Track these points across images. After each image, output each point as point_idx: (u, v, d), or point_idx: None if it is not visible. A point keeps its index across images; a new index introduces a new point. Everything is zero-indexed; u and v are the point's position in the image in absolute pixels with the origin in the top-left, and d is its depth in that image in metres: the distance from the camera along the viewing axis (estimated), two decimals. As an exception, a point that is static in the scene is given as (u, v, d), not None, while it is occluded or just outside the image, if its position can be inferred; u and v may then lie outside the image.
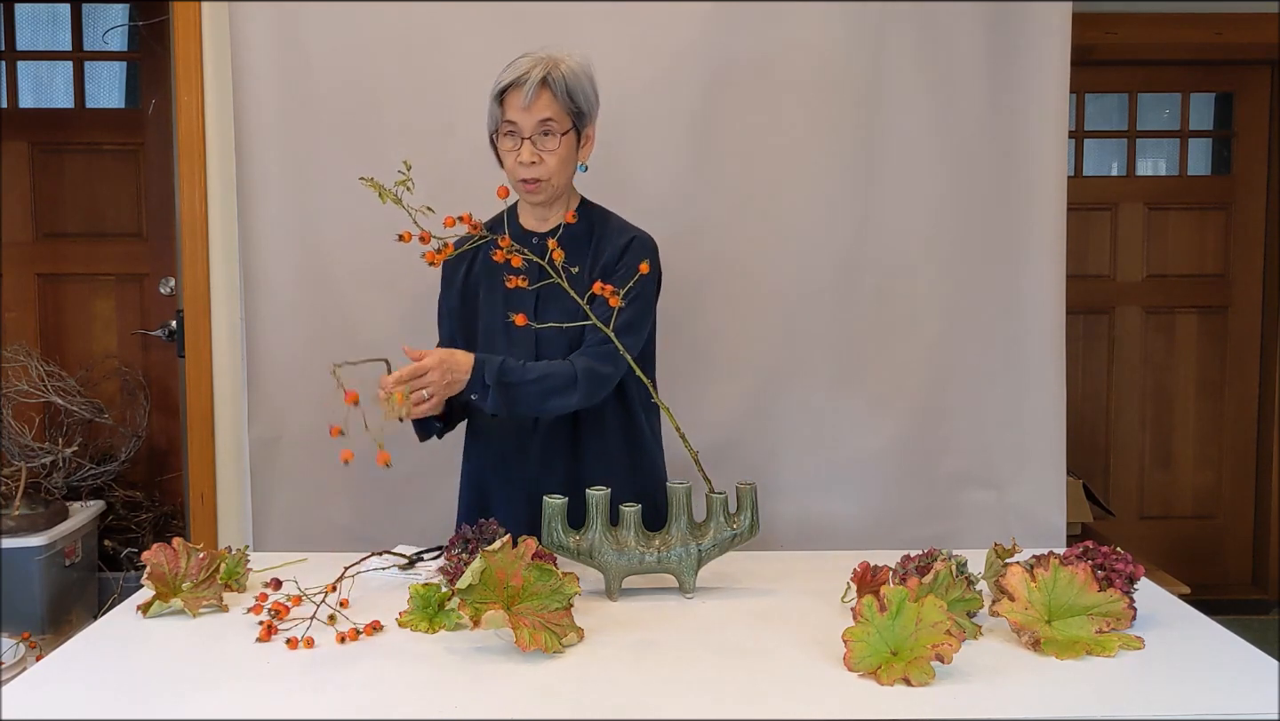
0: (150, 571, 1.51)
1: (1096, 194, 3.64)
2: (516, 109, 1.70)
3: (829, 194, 2.38)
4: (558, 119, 1.71)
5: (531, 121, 1.70)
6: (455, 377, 1.66)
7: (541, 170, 1.72)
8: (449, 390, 1.66)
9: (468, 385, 1.67)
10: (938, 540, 2.08)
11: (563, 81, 1.71)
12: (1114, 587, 1.39)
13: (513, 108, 1.71)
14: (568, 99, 1.71)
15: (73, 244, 3.38)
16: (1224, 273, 3.67)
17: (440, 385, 1.64)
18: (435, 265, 1.52)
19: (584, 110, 1.75)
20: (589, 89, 1.75)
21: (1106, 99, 3.68)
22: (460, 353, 1.69)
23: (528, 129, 1.71)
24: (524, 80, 1.69)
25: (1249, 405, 3.69)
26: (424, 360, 1.63)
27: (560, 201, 1.82)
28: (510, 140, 1.73)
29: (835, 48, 2.34)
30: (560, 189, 1.78)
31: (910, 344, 2.42)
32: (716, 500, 1.57)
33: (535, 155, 1.71)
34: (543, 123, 1.70)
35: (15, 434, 2.91)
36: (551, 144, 1.72)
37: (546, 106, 1.70)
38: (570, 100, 1.72)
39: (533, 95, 1.68)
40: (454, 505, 2.02)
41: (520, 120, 1.70)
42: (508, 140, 1.74)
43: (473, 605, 1.31)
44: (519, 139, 1.72)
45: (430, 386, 1.63)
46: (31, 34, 3.40)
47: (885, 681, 1.22)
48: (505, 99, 1.72)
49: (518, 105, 1.70)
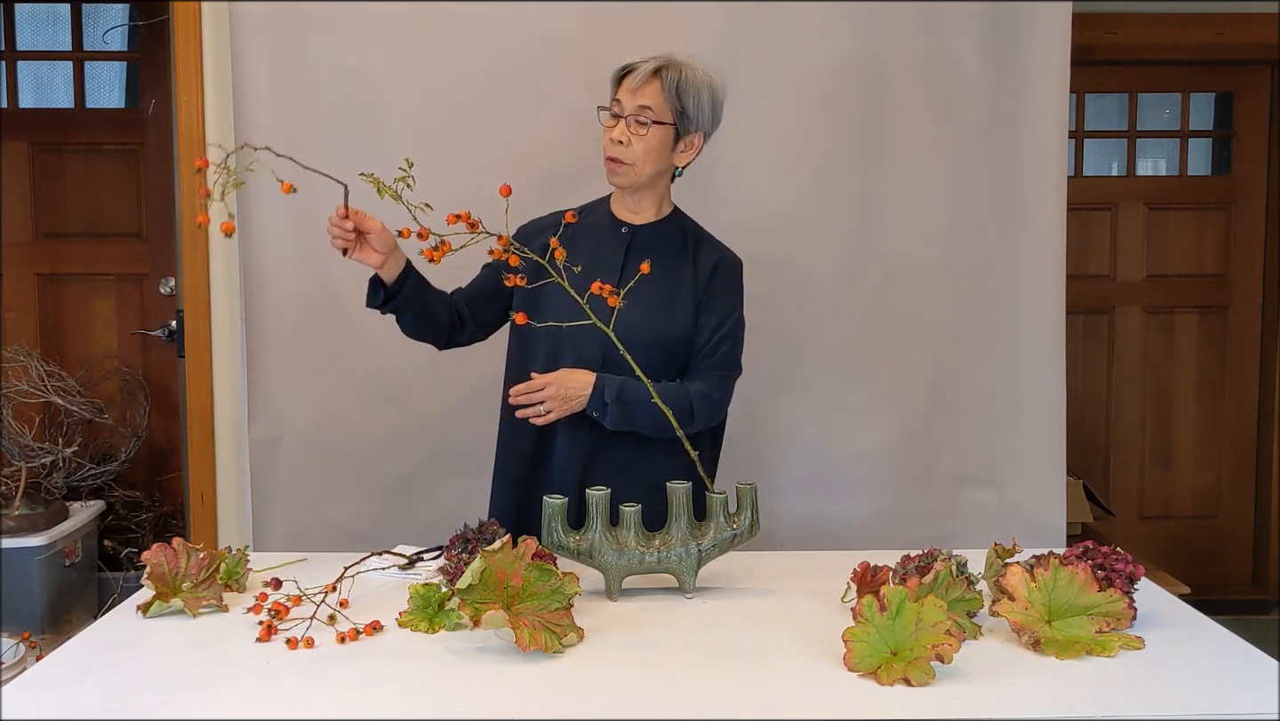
0: (150, 571, 1.51)
1: (1096, 194, 3.63)
2: (625, 90, 1.76)
3: (828, 194, 2.38)
4: (658, 110, 1.74)
5: (633, 104, 1.74)
6: (573, 394, 1.72)
7: (626, 152, 1.75)
8: (567, 406, 1.72)
9: (589, 401, 1.72)
10: (938, 540, 2.08)
11: (675, 80, 1.75)
12: (1114, 587, 1.39)
13: (623, 88, 1.77)
14: (674, 96, 1.75)
15: (73, 244, 3.37)
16: (1224, 273, 3.66)
17: (557, 399, 1.71)
18: (435, 262, 1.52)
19: (689, 114, 1.76)
20: (705, 99, 1.77)
21: (1106, 99, 3.68)
22: (580, 371, 1.74)
23: (627, 109, 1.75)
24: (638, 66, 1.75)
25: (1249, 405, 3.68)
26: (542, 377, 1.72)
27: (651, 195, 1.84)
28: (611, 119, 1.78)
29: (835, 48, 2.34)
30: (643, 179, 1.79)
31: (910, 344, 2.42)
32: (716, 500, 1.57)
33: (625, 135, 1.75)
34: (642, 109, 1.74)
35: (15, 434, 2.91)
36: (642, 131, 1.75)
37: (651, 95, 1.74)
38: (677, 99, 1.75)
39: (641, 81, 1.74)
40: (454, 506, 2.02)
41: (624, 100, 1.75)
42: (609, 118, 1.78)
43: (473, 605, 1.31)
44: (617, 118, 1.76)
45: (548, 402, 1.71)
46: (31, 34, 3.39)
47: (885, 681, 1.22)
48: (622, 80, 1.77)
49: (627, 87, 1.76)
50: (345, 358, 2.38)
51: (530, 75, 2.34)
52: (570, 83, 2.30)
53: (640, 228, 1.84)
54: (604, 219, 1.86)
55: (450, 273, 1.74)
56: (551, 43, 2.33)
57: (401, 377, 2.38)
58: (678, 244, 1.84)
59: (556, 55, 2.32)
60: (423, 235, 1.50)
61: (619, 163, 1.76)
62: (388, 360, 2.38)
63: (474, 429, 2.40)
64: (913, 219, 2.40)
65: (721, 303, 1.83)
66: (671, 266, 1.81)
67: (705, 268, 1.83)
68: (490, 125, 2.33)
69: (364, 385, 2.39)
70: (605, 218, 1.87)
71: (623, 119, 1.75)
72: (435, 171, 1.74)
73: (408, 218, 1.50)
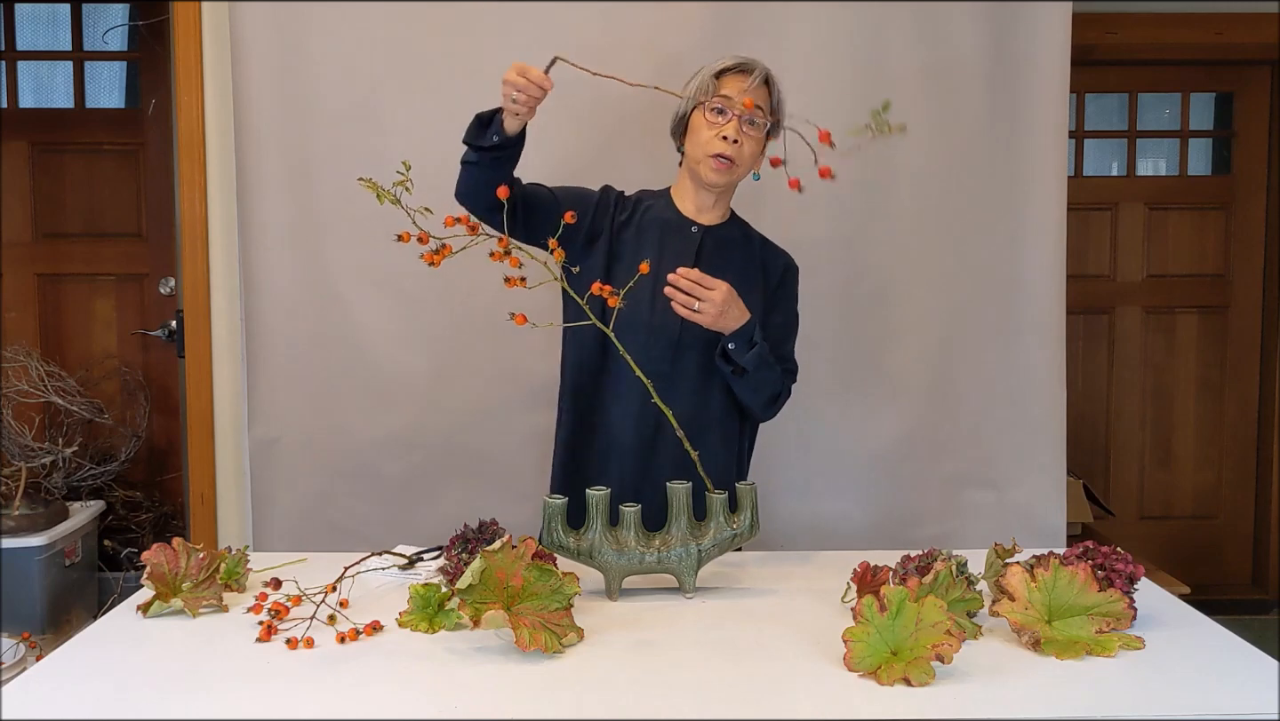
0: (150, 571, 1.51)
1: (1096, 194, 3.64)
2: (736, 88, 1.75)
3: (828, 194, 2.38)
4: (765, 114, 1.77)
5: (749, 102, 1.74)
6: (731, 311, 1.70)
7: (737, 152, 1.75)
8: (719, 320, 1.69)
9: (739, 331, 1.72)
10: (938, 540, 2.09)
11: (778, 89, 1.79)
12: (1114, 587, 1.39)
13: (732, 87, 1.75)
14: (777, 108, 1.79)
15: (73, 244, 3.38)
16: (1224, 273, 3.66)
17: (716, 306, 1.67)
18: (435, 265, 1.52)
19: (780, 122, 1.80)
20: (782, 111, 1.81)
21: (1106, 99, 3.68)
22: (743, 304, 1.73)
23: (739, 107, 1.74)
24: (752, 67, 1.76)
25: (1249, 405, 3.69)
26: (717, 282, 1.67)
27: (725, 197, 1.87)
28: (718, 116, 1.75)
29: (834, 48, 2.34)
30: (737, 180, 1.82)
31: (910, 344, 2.42)
32: (716, 500, 1.57)
33: (739, 134, 1.74)
34: (754, 109, 1.74)
35: (15, 434, 2.91)
36: (754, 133, 1.76)
37: (763, 99, 1.76)
38: (775, 108, 1.79)
39: (756, 83, 1.75)
40: (453, 506, 2.02)
41: (736, 99, 1.74)
42: (715, 115, 1.75)
43: (473, 605, 1.31)
44: (729, 116, 1.74)
45: (707, 305, 1.67)
46: (31, 34, 3.39)
47: (885, 681, 1.22)
48: (724, 78, 1.76)
49: (738, 86, 1.75)
50: (345, 358, 2.38)
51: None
52: (571, 83, 2.29)
53: (710, 229, 1.85)
54: (670, 213, 1.86)
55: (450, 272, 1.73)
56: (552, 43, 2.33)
57: (401, 378, 2.38)
58: (745, 247, 1.88)
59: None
60: (423, 239, 1.50)
61: (729, 161, 1.76)
62: (388, 361, 2.38)
63: (474, 429, 2.40)
64: (913, 218, 2.40)
65: (788, 304, 1.91)
66: (741, 268, 1.84)
67: (775, 270, 1.89)
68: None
69: (364, 385, 2.39)
70: (671, 212, 1.86)
71: (736, 117, 1.74)
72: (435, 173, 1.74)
73: (407, 221, 1.50)
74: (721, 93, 1.75)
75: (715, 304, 1.67)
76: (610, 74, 1.60)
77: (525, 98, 1.61)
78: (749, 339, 1.74)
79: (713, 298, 1.67)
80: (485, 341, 2.36)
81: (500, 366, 2.37)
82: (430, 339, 2.39)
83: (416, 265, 1.65)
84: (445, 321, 2.36)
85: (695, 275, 1.67)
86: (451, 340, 2.37)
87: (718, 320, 1.69)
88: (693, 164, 1.80)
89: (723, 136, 1.74)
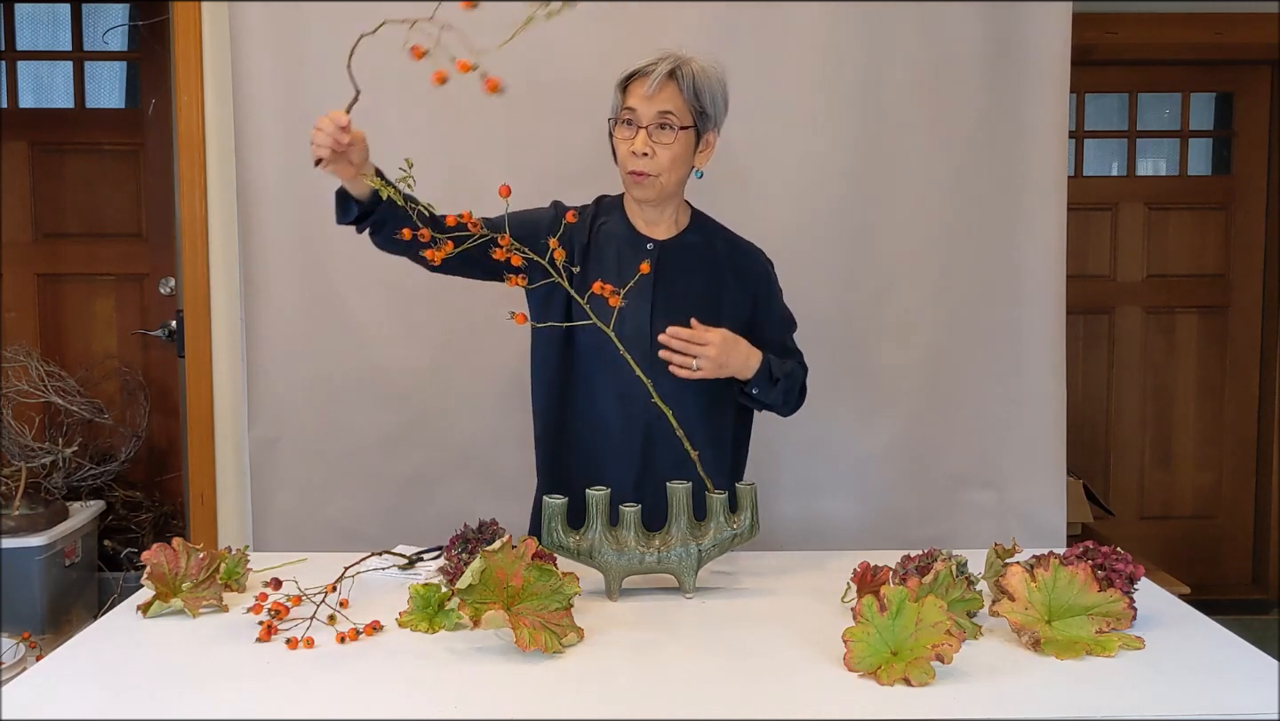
0: (150, 571, 1.51)
1: (1096, 194, 3.64)
2: (638, 96, 1.65)
3: (828, 194, 2.38)
4: (678, 113, 1.66)
5: (651, 111, 1.65)
6: (734, 354, 1.65)
7: (652, 164, 1.66)
8: (722, 370, 1.64)
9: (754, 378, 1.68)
10: (938, 540, 2.09)
11: (691, 78, 1.66)
12: (1114, 587, 1.39)
13: (635, 95, 1.66)
14: (693, 96, 1.66)
15: (73, 244, 3.38)
16: (1224, 273, 3.66)
17: (713, 361, 1.62)
18: (436, 263, 1.52)
19: (708, 112, 1.69)
20: (718, 92, 1.70)
21: (1106, 99, 3.68)
22: (743, 341, 1.68)
23: (646, 118, 1.65)
24: (650, 70, 1.64)
25: (1249, 405, 3.69)
26: (709, 332, 1.62)
27: (671, 205, 1.77)
28: (627, 129, 1.68)
29: (834, 48, 2.34)
30: (669, 189, 1.72)
31: (910, 344, 2.42)
32: (716, 500, 1.57)
33: (649, 146, 1.65)
34: (662, 115, 1.65)
35: (15, 434, 2.91)
36: (667, 138, 1.66)
37: (669, 99, 1.65)
38: (695, 99, 1.66)
39: (657, 85, 1.63)
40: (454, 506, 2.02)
41: (640, 109, 1.65)
42: (624, 129, 1.68)
43: (473, 605, 1.31)
44: (635, 128, 1.66)
45: (705, 361, 1.62)
46: (31, 34, 3.39)
47: (885, 681, 1.22)
48: (629, 87, 1.67)
49: (640, 93, 1.65)
50: (345, 357, 2.38)
51: (531, 75, 2.33)
52: (571, 82, 2.29)
53: (666, 243, 1.77)
54: (623, 229, 1.77)
55: (450, 273, 1.74)
56: (552, 43, 2.33)
57: (401, 377, 2.39)
58: (708, 256, 1.78)
59: (557, 54, 2.32)
60: (424, 236, 1.49)
61: (645, 175, 1.67)
62: (388, 360, 2.38)
63: (474, 429, 2.40)
64: (913, 218, 2.40)
65: (775, 304, 1.84)
66: (707, 280, 1.76)
67: (753, 276, 1.81)
68: (490, 125, 2.33)
69: (364, 385, 2.39)
70: (624, 228, 1.78)
71: (642, 129, 1.65)
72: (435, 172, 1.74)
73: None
74: (628, 104, 1.66)
75: (712, 358, 1.62)
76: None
77: (329, 147, 1.48)
78: (769, 376, 1.69)
79: (708, 353, 1.62)
80: (485, 341, 2.35)
81: (500, 366, 2.36)
82: (430, 338, 2.39)
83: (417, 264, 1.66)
84: (445, 321, 2.36)
85: (685, 333, 1.61)
86: (451, 340, 2.37)
87: (720, 371, 1.65)
88: (621, 176, 1.73)
89: (633, 151, 1.66)
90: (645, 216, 1.78)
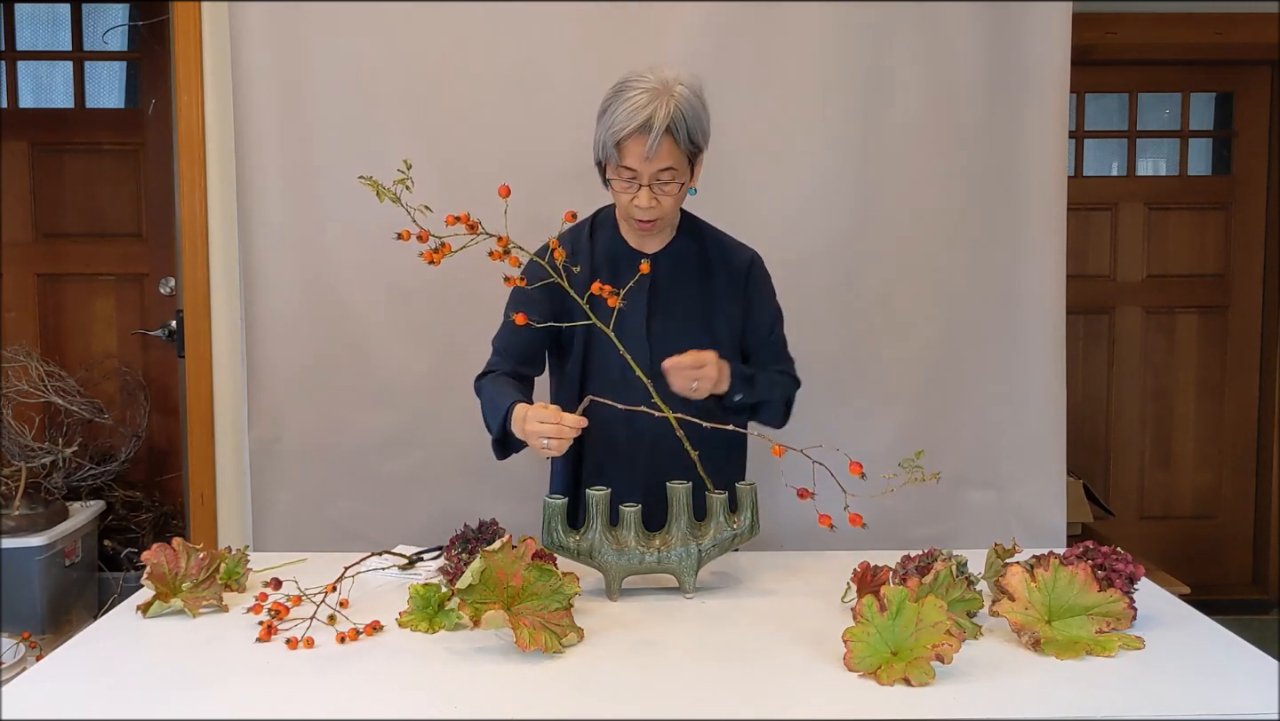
0: (150, 571, 1.51)
1: (1096, 194, 3.63)
2: (637, 158, 1.62)
3: (828, 195, 2.38)
4: (679, 166, 1.65)
5: (652, 169, 1.63)
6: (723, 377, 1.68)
7: (657, 211, 1.68)
8: (721, 383, 1.68)
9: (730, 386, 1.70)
10: (938, 540, 2.08)
11: (684, 125, 1.62)
12: (1114, 587, 1.39)
13: (632, 155, 1.62)
14: (689, 143, 1.64)
15: (73, 244, 3.37)
16: (1224, 273, 3.66)
17: (711, 380, 1.66)
18: (435, 264, 1.52)
19: (702, 146, 1.69)
20: (704, 119, 1.68)
21: (1106, 99, 3.68)
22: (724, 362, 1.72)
23: (647, 176, 1.64)
24: (648, 129, 1.59)
25: (1249, 405, 3.68)
26: (704, 354, 1.65)
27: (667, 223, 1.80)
28: (627, 183, 1.67)
29: (835, 48, 2.34)
30: (671, 218, 1.76)
31: (910, 344, 2.42)
32: (716, 500, 1.57)
33: (653, 200, 1.66)
34: (664, 171, 1.64)
35: (15, 434, 2.91)
36: (671, 188, 1.67)
37: (668, 155, 1.63)
38: (691, 143, 1.65)
39: (656, 147, 1.60)
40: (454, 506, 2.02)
41: (641, 169, 1.63)
42: (623, 182, 1.67)
43: (473, 605, 1.31)
44: (637, 185, 1.66)
45: (704, 382, 1.65)
46: (31, 34, 3.39)
47: (885, 681, 1.22)
48: (624, 145, 1.62)
49: (638, 154, 1.61)
50: (345, 358, 2.38)
51: (530, 75, 2.34)
52: (571, 83, 2.30)
53: (659, 255, 1.79)
54: (617, 245, 1.80)
55: (450, 272, 1.73)
56: (552, 43, 2.33)
57: (401, 378, 2.39)
58: (699, 261, 1.81)
59: (557, 55, 2.32)
60: (422, 237, 1.49)
61: (652, 222, 1.70)
62: (388, 360, 2.38)
63: (474, 429, 2.40)
64: (913, 219, 2.40)
65: (763, 299, 1.84)
66: (702, 287, 1.79)
67: (740, 270, 1.82)
68: (489, 126, 2.33)
69: (364, 385, 2.39)
70: (618, 245, 1.80)
71: (645, 186, 1.65)
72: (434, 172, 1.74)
73: (407, 220, 1.50)
74: (625, 163, 1.63)
75: (711, 377, 1.65)
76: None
77: (558, 443, 1.52)
78: (741, 376, 1.72)
79: (708, 373, 1.64)
80: (485, 341, 2.35)
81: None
82: (430, 339, 2.39)
83: (416, 264, 1.65)
84: (445, 321, 2.36)
85: (686, 360, 1.64)
86: (451, 340, 2.37)
87: (720, 384, 1.68)
88: (620, 213, 1.76)
89: (636, 204, 1.67)
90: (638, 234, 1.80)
